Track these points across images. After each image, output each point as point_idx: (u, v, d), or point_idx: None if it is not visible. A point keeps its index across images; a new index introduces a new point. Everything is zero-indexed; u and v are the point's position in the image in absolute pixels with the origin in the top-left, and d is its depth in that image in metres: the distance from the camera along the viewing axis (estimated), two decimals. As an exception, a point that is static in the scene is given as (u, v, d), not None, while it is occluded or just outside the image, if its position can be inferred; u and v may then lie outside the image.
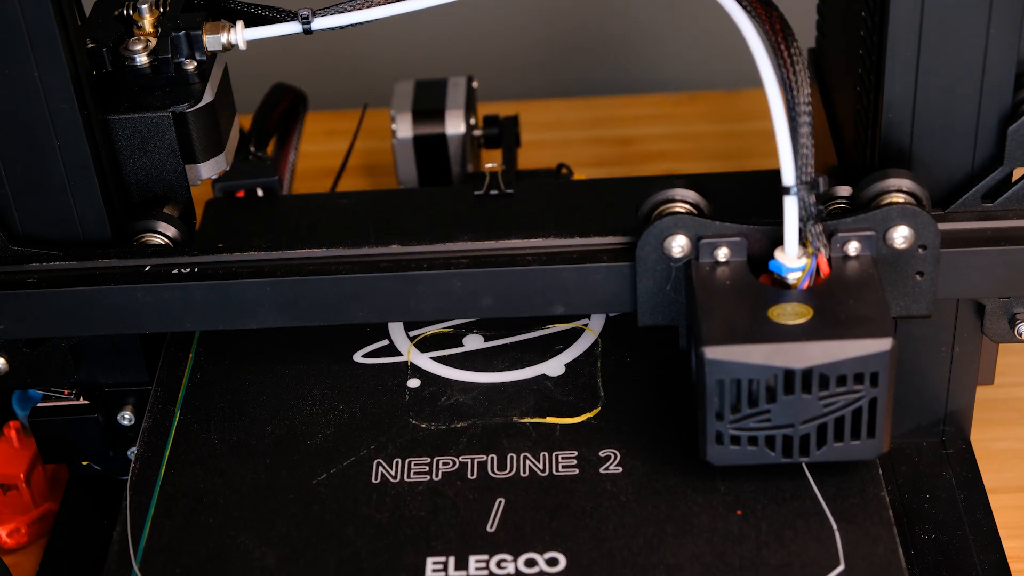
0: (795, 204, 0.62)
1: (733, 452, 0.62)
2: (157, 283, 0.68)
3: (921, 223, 0.64)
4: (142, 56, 0.70)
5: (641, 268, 0.66)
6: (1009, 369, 0.83)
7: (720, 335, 0.61)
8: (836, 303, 0.62)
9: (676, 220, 0.65)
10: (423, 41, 1.16)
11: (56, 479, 0.80)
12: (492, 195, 0.81)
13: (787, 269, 0.63)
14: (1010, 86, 0.65)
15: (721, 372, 0.60)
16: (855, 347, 0.60)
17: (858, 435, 0.62)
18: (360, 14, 0.68)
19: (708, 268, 0.64)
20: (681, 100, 1.10)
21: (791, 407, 0.61)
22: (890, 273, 0.65)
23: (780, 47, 0.61)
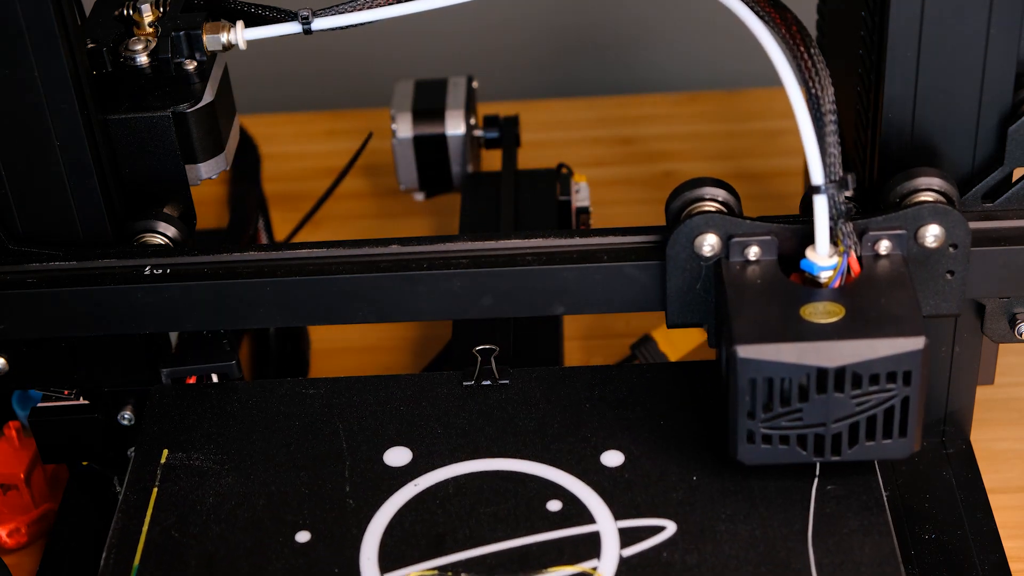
0: (825, 203, 0.62)
1: (764, 451, 0.62)
2: (157, 283, 0.68)
3: (952, 222, 0.64)
4: (142, 56, 0.70)
5: (671, 267, 0.66)
6: (1009, 369, 0.83)
7: (752, 334, 0.60)
8: (868, 302, 0.62)
9: (707, 219, 0.64)
10: (423, 41, 1.16)
11: (56, 479, 0.80)
12: (484, 386, 0.70)
13: (818, 268, 0.63)
14: (1010, 86, 0.65)
15: (753, 371, 0.60)
16: (888, 346, 0.60)
17: (890, 434, 0.62)
18: (360, 15, 0.68)
19: (739, 267, 0.64)
20: (681, 100, 1.10)
21: (823, 406, 0.61)
22: (921, 272, 0.65)
23: (800, 49, 0.62)
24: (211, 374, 0.72)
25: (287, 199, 1.01)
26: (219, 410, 0.69)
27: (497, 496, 0.64)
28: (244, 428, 0.68)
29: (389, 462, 0.66)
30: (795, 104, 0.62)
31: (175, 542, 0.63)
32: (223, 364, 0.71)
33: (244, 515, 0.64)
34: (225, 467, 0.66)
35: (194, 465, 0.66)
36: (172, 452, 0.67)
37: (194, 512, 0.64)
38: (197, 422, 0.68)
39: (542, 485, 0.64)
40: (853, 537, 0.61)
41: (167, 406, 0.69)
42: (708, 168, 1.02)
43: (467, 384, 0.69)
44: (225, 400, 0.69)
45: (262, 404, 0.69)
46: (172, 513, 0.64)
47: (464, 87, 0.94)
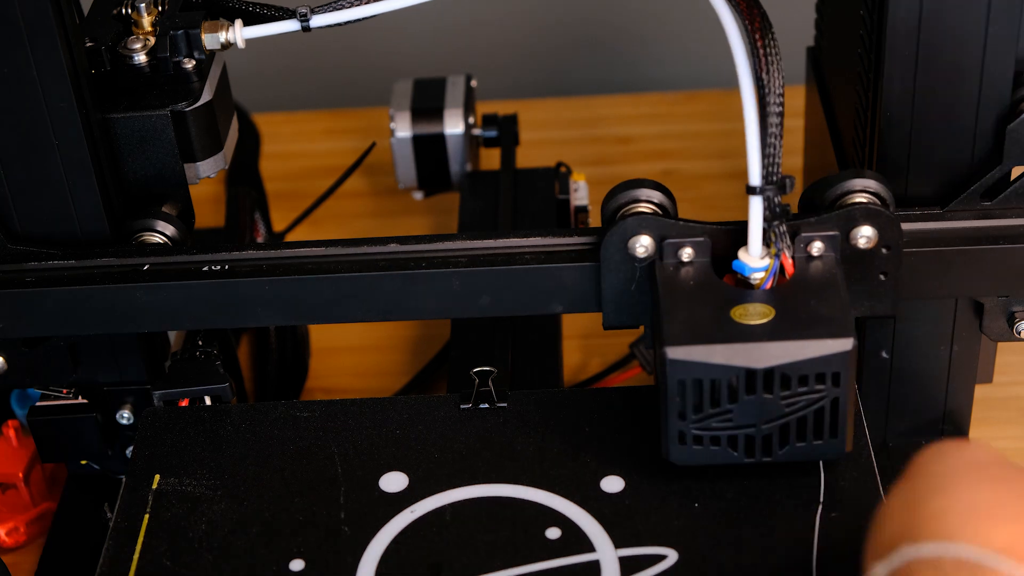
0: (760, 204, 0.62)
1: (696, 452, 0.62)
2: (156, 282, 0.68)
3: (884, 223, 0.64)
4: (141, 55, 0.70)
5: (605, 268, 0.66)
6: (1008, 368, 0.83)
7: (682, 335, 0.60)
8: (798, 303, 0.62)
9: (640, 220, 0.65)
10: (422, 40, 1.16)
11: (55, 478, 0.80)
12: (482, 409, 0.68)
13: (750, 269, 0.63)
14: (1008, 85, 0.65)
15: (683, 372, 0.60)
16: (816, 347, 0.60)
17: (821, 435, 0.62)
18: (359, 10, 0.68)
19: (672, 268, 0.64)
20: (680, 100, 1.10)
21: (753, 407, 0.61)
22: (854, 273, 0.65)
23: (757, 44, 0.61)
24: (204, 396, 0.71)
25: (287, 198, 1.01)
26: (212, 434, 0.68)
27: (495, 523, 0.63)
28: (237, 452, 0.67)
29: (385, 488, 0.65)
30: (745, 100, 0.61)
31: (167, 571, 0.62)
32: (216, 387, 0.70)
33: (237, 542, 0.63)
34: (218, 493, 0.65)
35: (186, 491, 0.65)
36: (164, 477, 0.66)
37: (186, 539, 0.63)
38: (189, 446, 0.67)
39: (541, 512, 0.63)
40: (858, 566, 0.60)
41: (159, 429, 0.68)
42: (707, 167, 1.02)
43: (464, 407, 0.68)
44: (218, 424, 0.68)
45: (255, 428, 0.68)
46: (164, 540, 0.63)
47: (463, 86, 0.94)
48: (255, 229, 0.92)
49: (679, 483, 0.64)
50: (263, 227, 0.93)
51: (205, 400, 0.71)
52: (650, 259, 0.65)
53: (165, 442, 0.68)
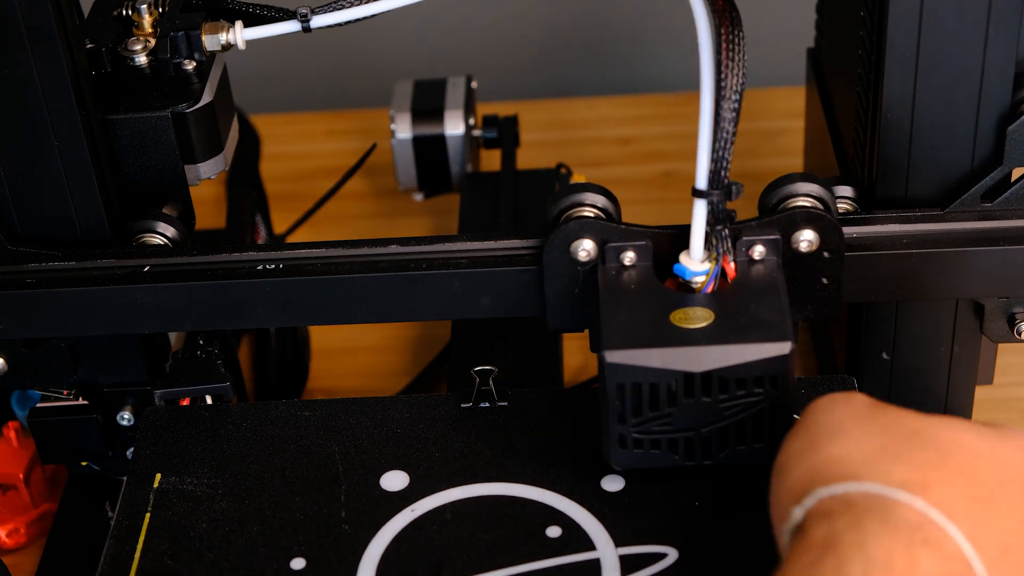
0: (704, 208, 0.62)
1: (637, 455, 0.62)
2: (156, 283, 0.68)
3: (825, 227, 0.64)
4: (141, 56, 0.70)
5: (548, 272, 0.66)
6: (1009, 369, 0.83)
7: (620, 339, 0.60)
8: (738, 307, 0.62)
9: (582, 224, 0.65)
10: (422, 41, 1.16)
11: (55, 479, 0.80)
12: (482, 408, 0.69)
13: (691, 273, 0.63)
14: (1009, 86, 0.65)
15: (622, 376, 0.60)
16: (754, 351, 0.60)
17: (761, 439, 0.62)
18: (359, 10, 0.68)
19: (614, 272, 0.65)
20: (681, 100, 1.10)
21: (692, 411, 0.61)
22: (797, 277, 0.66)
23: (723, 43, 0.61)
24: (205, 396, 0.71)
25: (287, 199, 1.01)
26: (213, 433, 0.68)
27: (495, 521, 0.63)
28: (238, 451, 0.67)
29: (386, 486, 0.65)
30: (703, 101, 0.61)
31: (168, 569, 0.62)
32: (217, 386, 0.71)
33: (238, 541, 0.63)
34: (219, 492, 0.65)
35: (187, 490, 0.65)
36: (165, 476, 0.66)
37: (187, 538, 0.63)
38: (191, 445, 0.67)
39: (541, 510, 0.63)
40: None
41: (160, 429, 0.68)
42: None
43: (465, 406, 0.68)
44: (219, 423, 0.68)
45: (257, 427, 0.68)
46: (165, 539, 0.63)
47: (463, 87, 0.94)
48: (256, 231, 0.92)
49: (679, 482, 0.64)
50: (264, 229, 0.93)
51: (206, 399, 0.71)
52: (593, 263, 0.65)
53: (166, 441, 0.68)
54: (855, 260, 0.66)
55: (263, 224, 0.94)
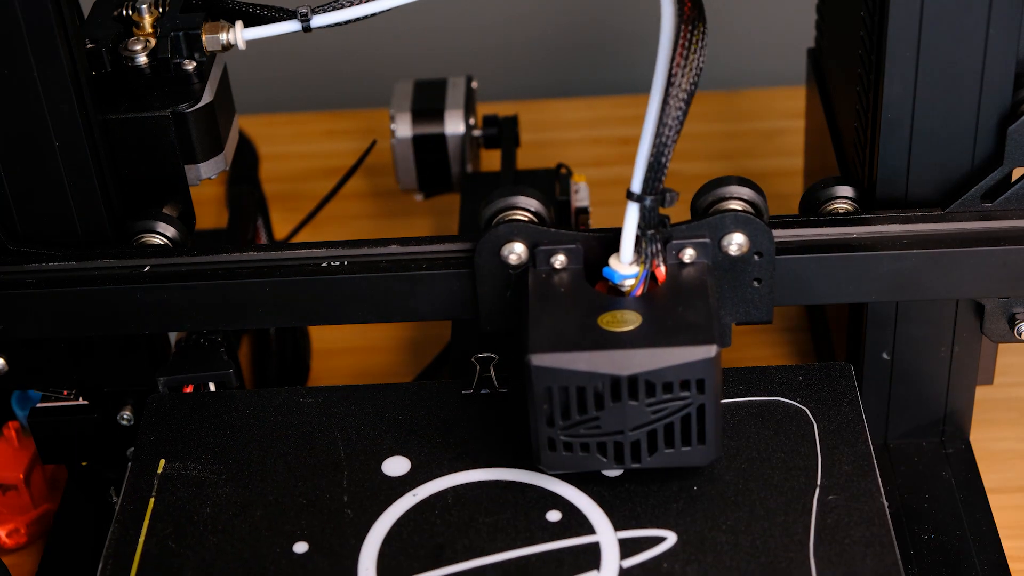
0: (636, 211, 0.62)
1: (566, 458, 0.62)
2: (157, 283, 0.68)
3: (755, 230, 0.65)
4: (141, 56, 0.70)
5: (480, 275, 0.66)
6: (1009, 369, 0.83)
7: (546, 342, 0.61)
8: (665, 310, 0.62)
9: (512, 228, 0.65)
10: (423, 41, 1.16)
11: (55, 480, 0.80)
12: (483, 394, 0.69)
13: (620, 276, 0.63)
14: (1009, 86, 0.65)
15: (548, 379, 0.60)
16: (679, 354, 0.60)
17: (689, 441, 0.62)
18: (359, 9, 0.68)
19: (544, 275, 0.65)
20: (681, 100, 1.10)
21: (619, 414, 0.61)
22: (728, 280, 0.66)
23: (679, 50, 0.61)
24: (208, 383, 0.71)
25: (287, 199, 1.01)
26: (216, 419, 0.69)
27: (496, 506, 0.64)
28: (241, 437, 0.68)
29: (387, 472, 0.65)
30: (650, 105, 0.61)
31: (172, 552, 0.63)
32: (220, 372, 0.71)
33: (241, 525, 0.64)
34: (222, 477, 0.66)
35: (191, 475, 0.66)
36: (169, 462, 0.67)
37: (191, 522, 0.64)
38: (194, 432, 0.68)
39: (541, 495, 0.64)
40: (855, 549, 0.60)
41: (164, 415, 0.69)
42: (708, 168, 1.02)
43: (466, 392, 0.69)
44: (222, 409, 0.69)
45: (259, 413, 0.69)
46: (169, 523, 0.64)
47: (463, 87, 0.94)
48: (257, 235, 0.92)
49: (679, 467, 0.64)
50: (265, 234, 0.93)
51: (209, 386, 0.71)
52: (523, 266, 0.66)
53: (170, 427, 0.68)
54: (855, 260, 0.66)
55: (264, 229, 0.94)
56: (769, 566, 0.60)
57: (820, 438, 0.65)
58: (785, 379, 0.68)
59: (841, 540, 0.61)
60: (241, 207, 0.93)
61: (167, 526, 0.64)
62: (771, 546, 0.61)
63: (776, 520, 0.62)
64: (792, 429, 0.66)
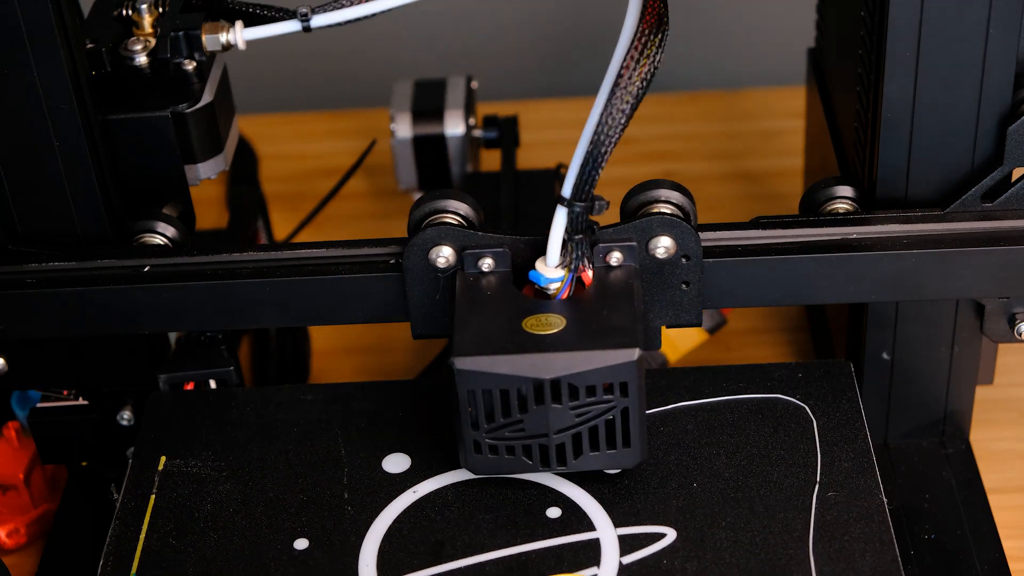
0: (563, 216, 0.62)
1: (492, 461, 0.63)
2: (156, 283, 0.68)
3: (682, 233, 0.65)
4: (141, 56, 0.70)
5: (409, 278, 0.66)
6: (1009, 369, 0.83)
7: (470, 346, 0.61)
8: (590, 313, 0.62)
9: (439, 231, 0.65)
10: (422, 41, 1.16)
11: (55, 480, 0.80)
12: None
13: (546, 279, 0.64)
14: (1009, 86, 0.65)
15: (471, 382, 0.61)
16: (602, 357, 0.60)
17: (614, 444, 0.62)
18: (359, 9, 0.68)
19: (472, 279, 0.65)
20: (680, 100, 1.10)
21: (543, 417, 0.61)
22: (655, 283, 0.66)
23: (632, 51, 0.61)
24: (209, 380, 0.72)
25: (287, 199, 1.01)
26: (217, 416, 0.69)
27: (496, 502, 0.64)
28: (242, 435, 0.68)
29: (388, 469, 0.66)
30: (594, 109, 0.61)
31: (173, 549, 0.63)
32: (221, 370, 0.71)
33: (242, 522, 0.64)
34: (223, 474, 0.66)
35: (192, 472, 0.66)
36: (170, 459, 0.67)
37: (192, 519, 0.64)
38: (195, 429, 0.68)
39: (542, 491, 0.64)
40: (854, 545, 0.61)
41: (165, 412, 0.69)
42: (708, 168, 1.02)
43: None
44: (223, 406, 0.69)
45: (260, 410, 0.69)
46: (170, 520, 0.64)
47: (463, 87, 0.94)
48: (257, 236, 0.92)
49: (678, 463, 0.64)
50: (265, 235, 0.93)
51: (210, 384, 0.72)
52: (452, 269, 0.66)
53: (171, 425, 0.69)
54: (855, 260, 0.66)
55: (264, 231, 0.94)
56: (768, 563, 0.60)
57: (820, 435, 0.65)
58: (784, 376, 0.68)
59: (840, 537, 0.61)
60: (241, 207, 0.93)
61: (168, 523, 0.64)
62: (771, 543, 0.61)
63: (776, 517, 0.62)
64: (792, 426, 0.66)
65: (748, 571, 0.60)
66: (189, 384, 0.72)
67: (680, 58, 1.17)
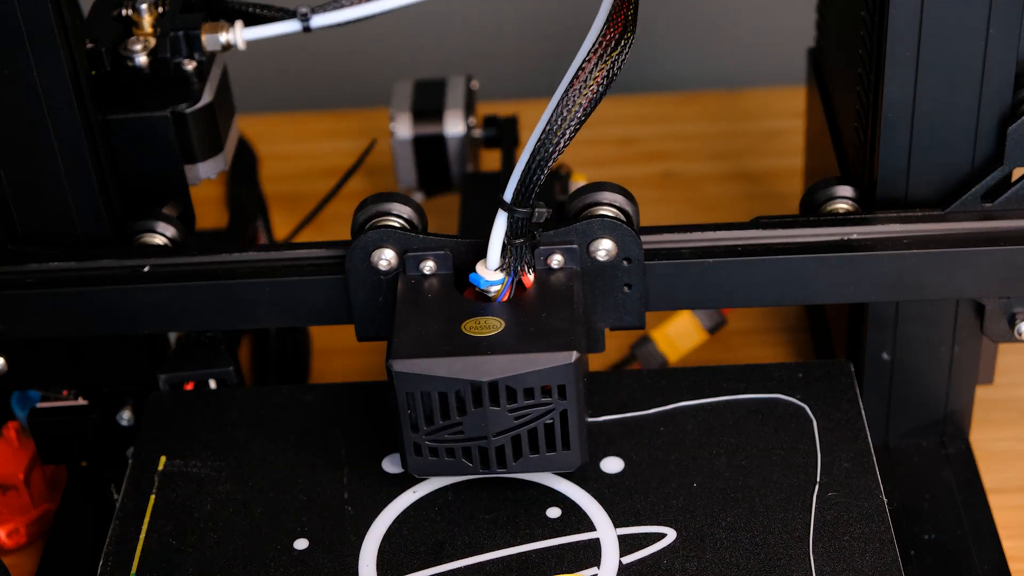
0: (504, 221, 0.62)
1: (433, 463, 0.63)
2: (156, 283, 0.68)
3: (622, 236, 0.65)
4: (141, 56, 0.70)
5: (352, 281, 0.67)
6: (1009, 369, 0.83)
7: (408, 348, 0.61)
8: (529, 316, 0.62)
9: (381, 234, 0.65)
10: (422, 41, 1.16)
11: (55, 480, 0.80)
12: None
13: (485, 282, 0.64)
14: (1010, 86, 0.65)
15: (409, 385, 0.61)
16: (539, 360, 0.60)
17: (553, 447, 0.62)
18: (359, 9, 0.68)
19: (413, 281, 0.65)
20: (680, 100, 1.10)
21: (481, 419, 0.61)
22: (598, 286, 0.66)
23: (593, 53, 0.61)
24: (209, 380, 0.72)
25: (287, 199, 1.01)
26: (217, 416, 0.69)
27: (496, 503, 0.64)
28: (242, 435, 0.68)
29: (388, 469, 0.66)
30: (545, 114, 0.61)
31: (173, 549, 0.63)
32: (221, 370, 0.71)
33: (242, 522, 0.64)
34: (223, 474, 0.66)
35: (192, 472, 0.66)
36: (170, 459, 0.67)
37: (192, 519, 0.64)
38: (195, 429, 0.68)
39: (542, 492, 0.64)
40: (854, 545, 0.61)
41: (165, 412, 0.69)
42: (708, 168, 1.02)
43: None
44: (223, 406, 0.69)
45: (260, 410, 0.69)
46: (170, 520, 0.64)
47: (463, 87, 0.94)
48: (257, 237, 0.92)
49: (678, 463, 0.64)
50: (265, 235, 0.93)
51: (210, 384, 0.72)
52: (394, 272, 0.66)
53: (171, 425, 0.69)
54: (855, 260, 0.66)
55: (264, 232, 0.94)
56: (768, 563, 0.60)
57: (820, 435, 0.65)
58: (785, 376, 0.68)
59: (840, 537, 0.61)
60: (241, 207, 0.93)
61: (168, 523, 0.64)
62: (770, 543, 0.61)
63: (776, 517, 0.62)
64: (792, 426, 0.66)
65: (748, 571, 0.60)
66: (189, 384, 0.72)
67: (680, 58, 1.17)
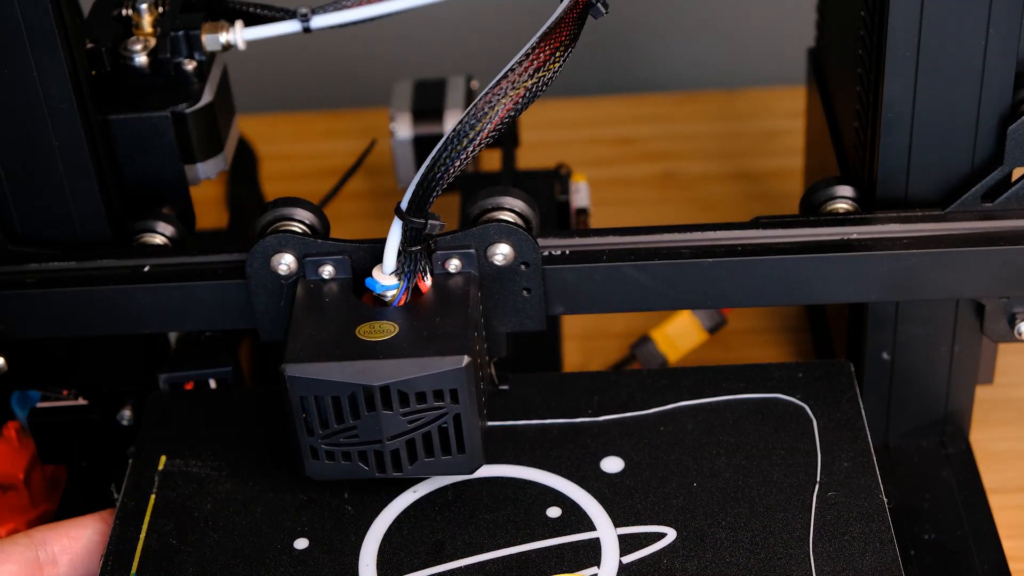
0: (399, 229, 0.63)
1: (330, 467, 0.63)
2: (156, 283, 0.68)
3: (519, 241, 0.65)
4: (141, 56, 0.70)
5: (253, 285, 0.67)
6: (1009, 369, 0.83)
7: (301, 352, 0.61)
8: (423, 320, 0.63)
9: (280, 239, 0.66)
10: (422, 41, 1.16)
11: (55, 480, 0.80)
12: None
13: (381, 286, 0.64)
14: (1010, 86, 0.65)
15: (302, 389, 0.61)
16: (429, 364, 0.60)
17: (448, 451, 0.62)
18: (359, 11, 0.68)
19: (312, 286, 0.65)
20: (681, 100, 1.10)
21: (375, 423, 0.61)
22: (497, 290, 0.66)
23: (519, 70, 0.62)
24: (209, 380, 0.72)
25: (286, 199, 1.01)
26: (217, 416, 0.69)
27: (496, 502, 0.64)
28: (242, 434, 0.68)
29: None
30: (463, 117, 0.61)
31: (173, 549, 0.63)
32: (221, 370, 0.71)
33: (242, 522, 0.64)
34: (223, 473, 0.66)
35: (192, 472, 0.66)
36: (170, 459, 0.67)
37: (192, 519, 0.64)
38: (195, 428, 0.68)
39: (542, 491, 0.64)
40: (854, 545, 0.61)
41: (165, 412, 0.69)
42: (708, 168, 1.02)
43: None
44: (223, 406, 0.69)
45: (260, 410, 0.69)
46: (170, 520, 0.64)
47: (463, 87, 0.94)
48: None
49: (678, 463, 0.64)
50: None
51: (210, 384, 0.72)
52: (294, 276, 0.66)
53: (171, 424, 0.69)
54: (855, 260, 0.66)
55: None
56: (768, 562, 0.60)
57: (820, 435, 0.65)
58: (784, 376, 0.68)
59: (840, 536, 0.61)
60: (241, 207, 0.93)
61: (168, 522, 0.64)
62: (771, 542, 0.61)
63: (776, 516, 0.62)
64: (792, 426, 0.66)
65: (748, 571, 0.60)
66: (189, 384, 0.72)
67: (680, 58, 1.17)
